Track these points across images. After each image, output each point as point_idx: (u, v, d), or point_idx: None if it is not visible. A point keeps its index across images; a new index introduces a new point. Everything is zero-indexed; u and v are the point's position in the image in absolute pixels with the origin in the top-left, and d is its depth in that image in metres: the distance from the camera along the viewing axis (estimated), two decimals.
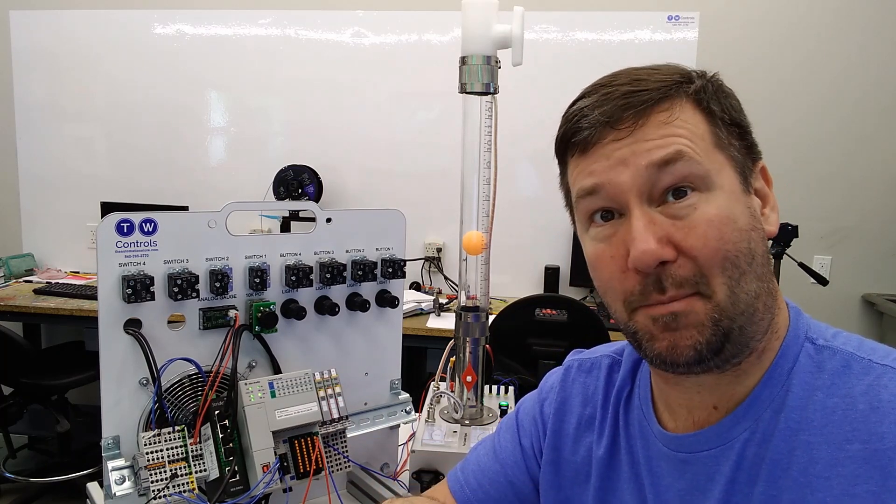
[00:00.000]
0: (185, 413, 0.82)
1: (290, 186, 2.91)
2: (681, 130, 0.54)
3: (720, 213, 0.52)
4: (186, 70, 3.10)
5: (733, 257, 0.52)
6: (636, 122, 0.54)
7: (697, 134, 0.54)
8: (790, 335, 0.56)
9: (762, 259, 0.54)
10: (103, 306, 0.77)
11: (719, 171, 0.54)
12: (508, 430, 0.78)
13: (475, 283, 1.10)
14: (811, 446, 0.51)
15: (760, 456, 0.54)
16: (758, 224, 0.55)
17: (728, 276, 0.52)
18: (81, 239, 3.21)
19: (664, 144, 0.53)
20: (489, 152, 1.06)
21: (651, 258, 0.52)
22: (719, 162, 0.54)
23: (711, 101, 0.55)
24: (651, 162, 0.53)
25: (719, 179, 0.53)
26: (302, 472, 0.81)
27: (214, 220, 0.83)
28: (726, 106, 0.56)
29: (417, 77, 2.96)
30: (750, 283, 0.53)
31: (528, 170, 2.99)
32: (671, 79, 0.56)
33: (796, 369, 0.54)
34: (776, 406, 0.54)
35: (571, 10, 2.88)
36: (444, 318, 2.57)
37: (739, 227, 0.53)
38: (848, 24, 2.75)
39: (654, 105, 0.54)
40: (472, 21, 1.03)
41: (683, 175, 0.53)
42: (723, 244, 0.52)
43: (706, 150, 0.54)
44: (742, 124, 0.57)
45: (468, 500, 0.76)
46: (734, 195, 0.54)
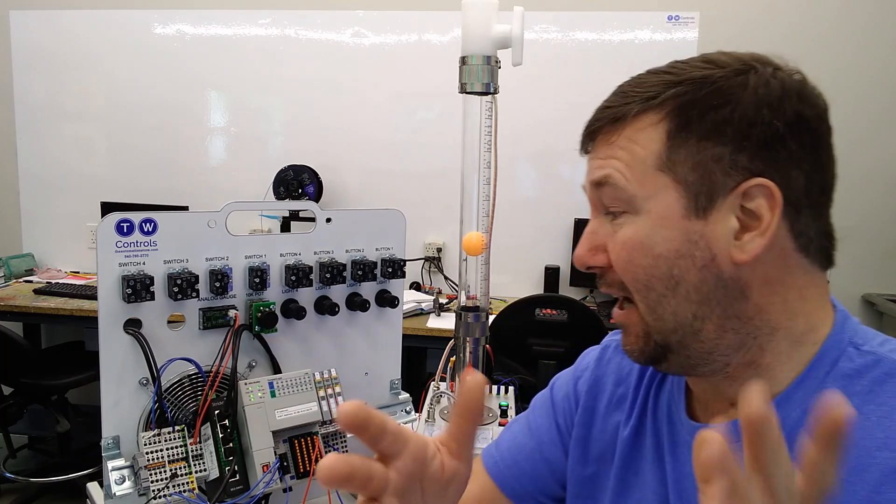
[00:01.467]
0: (185, 413, 0.82)
1: (290, 186, 2.91)
2: (620, 153, 0.55)
3: (633, 238, 0.54)
4: (186, 70, 3.10)
5: (645, 280, 0.54)
6: (594, 139, 0.58)
7: (639, 156, 0.54)
8: (831, 339, 0.55)
9: (698, 286, 0.53)
10: (103, 306, 0.76)
11: (650, 196, 0.53)
12: (543, 407, 0.78)
13: (475, 283, 1.10)
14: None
15: None
16: (697, 251, 0.52)
17: (643, 296, 0.55)
18: (81, 239, 3.21)
19: (602, 166, 0.56)
20: (489, 152, 1.06)
21: (579, 262, 0.58)
22: (656, 185, 0.53)
23: (685, 113, 0.52)
24: (591, 181, 0.58)
25: (647, 204, 0.54)
26: (302, 471, 0.81)
27: (214, 220, 0.83)
28: (707, 118, 0.52)
29: (417, 77, 2.96)
30: (676, 305, 0.54)
31: (528, 170, 2.99)
32: (646, 92, 0.54)
33: (834, 373, 0.53)
34: (806, 407, 0.53)
35: (571, 10, 2.88)
36: (444, 318, 2.57)
37: (656, 253, 0.53)
38: (847, 23, 2.75)
39: (607, 124, 0.56)
40: (472, 21, 1.03)
41: (612, 197, 0.55)
42: (630, 267, 0.55)
43: (642, 172, 0.54)
44: (731, 138, 0.51)
45: (503, 477, 0.77)
46: (662, 221, 0.53)
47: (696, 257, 0.53)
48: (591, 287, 2.95)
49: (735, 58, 0.54)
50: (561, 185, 2.99)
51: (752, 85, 0.52)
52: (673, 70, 0.55)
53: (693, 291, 0.53)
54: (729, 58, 0.55)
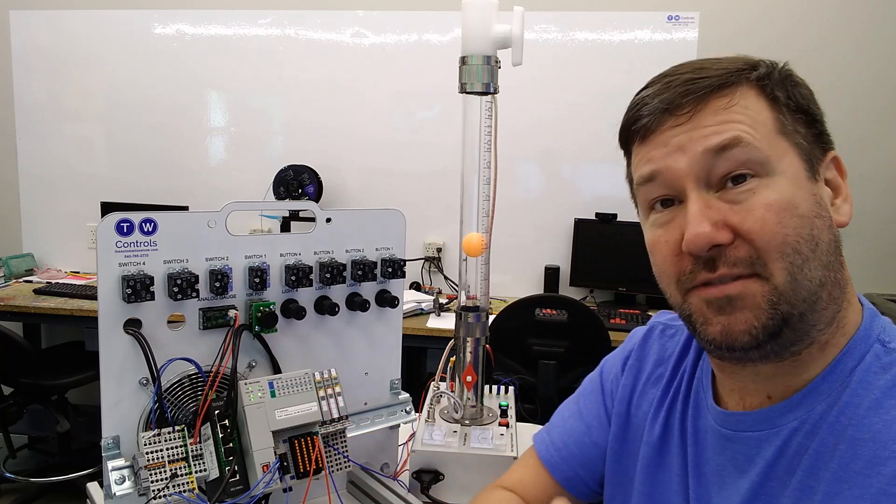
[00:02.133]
0: (185, 413, 0.82)
1: (290, 186, 2.91)
2: (740, 116, 0.53)
3: (780, 197, 0.52)
4: (186, 70, 3.10)
5: (794, 242, 0.51)
6: (694, 109, 0.54)
7: (758, 120, 0.54)
8: (860, 333, 0.55)
9: (828, 247, 0.53)
10: (103, 306, 0.76)
11: (781, 157, 0.53)
12: (593, 392, 0.80)
13: (475, 283, 1.10)
14: (857, 442, 0.51)
15: (805, 446, 0.54)
16: (824, 212, 0.54)
17: (789, 261, 0.51)
18: (81, 239, 3.21)
19: (721, 130, 0.53)
20: (489, 152, 1.06)
21: (704, 241, 0.52)
22: (782, 148, 0.54)
23: (776, 88, 0.55)
24: (707, 147, 0.53)
25: (780, 165, 0.53)
26: (302, 471, 0.81)
27: (214, 220, 0.83)
28: (793, 94, 0.56)
29: (417, 77, 2.96)
30: (814, 270, 0.52)
31: (529, 170, 2.99)
32: (734, 66, 0.56)
33: (860, 368, 0.54)
34: (831, 400, 0.54)
35: (571, 10, 2.88)
36: (444, 318, 2.57)
37: (801, 213, 0.52)
38: (847, 23, 2.75)
39: (713, 91, 0.54)
40: (472, 21, 1.03)
41: (741, 161, 0.53)
42: (782, 228, 0.51)
43: (767, 135, 0.53)
44: (810, 112, 0.56)
45: (554, 461, 0.79)
46: (797, 181, 0.53)
47: (824, 217, 0.54)
48: (591, 287, 2.95)
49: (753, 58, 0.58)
50: (561, 186, 2.99)
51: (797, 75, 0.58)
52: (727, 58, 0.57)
53: (825, 253, 0.53)
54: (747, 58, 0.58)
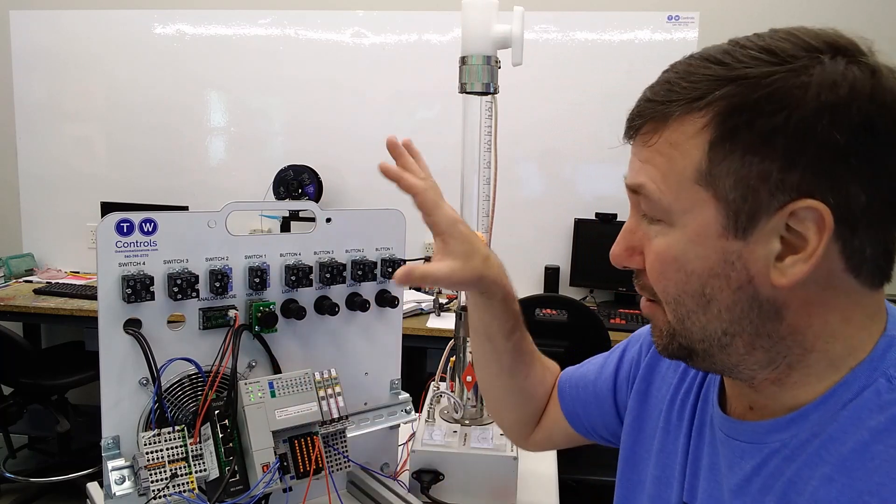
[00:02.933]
0: (185, 413, 0.82)
1: (290, 186, 2.91)
2: (659, 159, 0.51)
3: (666, 252, 0.52)
4: (186, 70, 3.10)
5: (674, 294, 0.52)
6: (636, 134, 0.53)
7: (678, 166, 0.49)
8: (865, 365, 0.50)
9: (730, 306, 0.50)
10: (103, 306, 0.76)
11: (687, 210, 0.50)
12: (616, 352, 0.82)
13: None
14: (830, 483, 0.47)
15: (781, 471, 0.51)
16: (732, 271, 0.49)
17: (671, 308, 0.53)
18: (81, 239, 3.21)
19: (639, 170, 0.53)
20: (489, 152, 1.06)
21: (615, 260, 0.57)
22: (692, 199, 0.49)
23: (733, 120, 0.47)
24: (628, 183, 0.55)
25: (683, 219, 0.50)
26: (302, 471, 0.81)
27: (214, 220, 0.83)
28: (756, 126, 0.46)
29: (417, 77, 2.96)
30: (706, 322, 0.51)
31: (529, 170, 2.99)
32: (699, 89, 0.49)
33: (856, 402, 0.49)
34: (817, 431, 0.50)
35: (571, 10, 2.88)
36: (444, 318, 2.57)
37: (689, 270, 0.50)
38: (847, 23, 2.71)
39: (647, 121, 0.52)
40: (472, 21, 1.03)
41: (646, 206, 0.53)
42: (661, 279, 0.53)
43: (679, 184, 0.50)
44: (775, 152, 0.46)
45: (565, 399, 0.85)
46: (698, 238, 0.50)
47: (731, 278, 0.49)
48: (591, 287, 2.95)
49: (802, 43, 0.48)
50: (561, 186, 2.99)
51: (814, 86, 0.45)
52: (727, 60, 0.48)
53: (725, 311, 0.50)
54: (793, 44, 0.48)
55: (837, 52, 0.48)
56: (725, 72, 0.48)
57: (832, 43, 0.48)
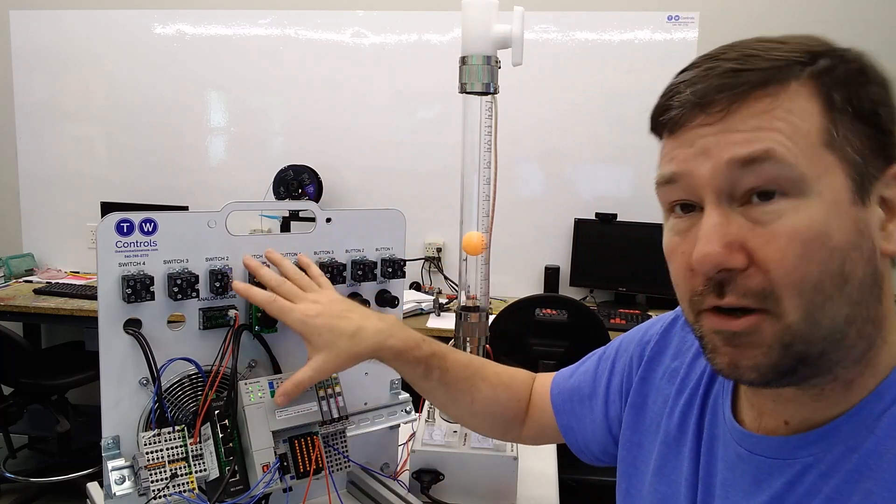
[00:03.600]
0: (185, 413, 0.82)
1: (290, 186, 2.91)
2: (779, 123, 0.46)
3: (810, 225, 0.45)
4: (186, 70, 3.10)
5: (815, 280, 0.46)
6: (728, 108, 0.47)
7: (802, 129, 0.46)
8: (894, 374, 0.48)
9: (862, 282, 0.47)
10: (103, 306, 0.76)
11: (821, 176, 0.46)
12: (606, 360, 0.80)
13: (475, 283, 1.10)
14: (872, 497, 0.46)
15: (818, 487, 0.49)
16: (865, 241, 0.47)
17: (807, 299, 0.46)
18: (81, 239, 3.21)
19: (753, 139, 0.46)
20: (489, 152, 1.06)
21: (710, 262, 0.47)
22: (824, 164, 0.46)
23: (837, 88, 0.47)
24: (734, 157, 0.47)
25: (818, 185, 0.46)
26: (302, 471, 0.81)
27: (214, 220, 0.83)
28: (859, 95, 0.47)
29: (417, 77, 2.96)
30: (837, 308, 0.46)
31: (529, 170, 2.99)
32: (790, 56, 0.47)
33: (891, 412, 0.47)
34: (853, 444, 0.48)
35: (571, 10, 2.88)
36: (444, 318, 2.57)
37: (832, 245, 0.45)
38: (847, 23, 2.75)
39: (753, 89, 0.47)
40: (472, 21, 1.03)
41: (771, 177, 0.46)
42: (804, 263, 0.45)
43: (809, 148, 0.46)
44: (875, 120, 0.47)
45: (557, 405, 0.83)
46: (836, 205, 0.46)
47: (863, 249, 0.47)
48: (591, 287, 2.95)
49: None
50: (561, 185, 2.99)
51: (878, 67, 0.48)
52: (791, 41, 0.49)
53: (856, 289, 0.47)
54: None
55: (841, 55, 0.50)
56: (803, 47, 0.48)
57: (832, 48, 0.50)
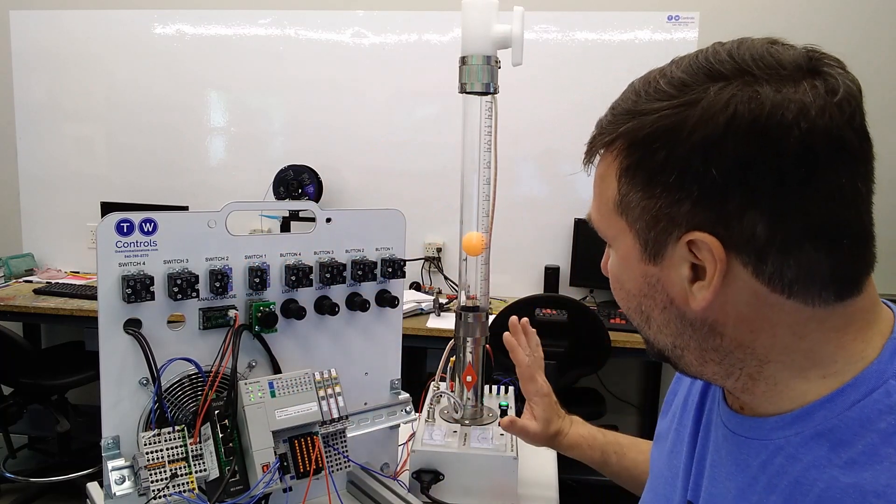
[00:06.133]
0: (185, 413, 0.82)
1: (290, 186, 2.91)
2: (596, 190, 0.56)
3: (613, 272, 0.58)
4: (186, 70, 3.10)
5: (626, 309, 0.58)
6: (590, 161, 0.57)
7: (606, 196, 0.54)
8: (873, 367, 0.50)
9: (665, 322, 0.54)
10: (103, 306, 0.76)
11: (616, 237, 0.55)
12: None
13: (475, 283, 1.10)
14: (836, 484, 0.47)
15: (786, 469, 0.51)
16: (656, 293, 0.53)
17: (631, 318, 0.59)
18: (81, 239, 3.21)
19: (591, 200, 0.58)
20: (489, 152, 1.06)
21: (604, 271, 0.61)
22: (617, 227, 0.54)
23: (632, 153, 0.50)
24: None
25: (616, 244, 0.56)
26: (302, 471, 0.81)
27: (214, 220, 0.83)
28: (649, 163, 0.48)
29: (417, 77, 2.96)
30: (655, 334, 0.56)
31: (529, 170, 3.00)
32: (617, 122, 0.51)
33: (864, 403, 0.49)
34: (822, 430, 0.50)
35: (571, 10, 2.88)
36: (444, 318, 2.57)
37: (626, 290, 0.56)
38: (847, 23, 2.75)
39: (591, 152, 0.56)
40: (472, 21, 1.03)
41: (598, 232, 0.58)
42: (617, 296, 0.59)
43: (608, 213, 0.55)
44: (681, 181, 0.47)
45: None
46: (626, 261, 0.55)
47: (655, 299, 0.54)
48: (591, 287, 2.95)
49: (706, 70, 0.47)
50: (561, 185, 2.99)
51: (692, 122, 0.46)
52: (642, 91, 0.50)
53: (663, 327, 0.55)
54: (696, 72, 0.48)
55: (739, 75, 0.46)
56: (634, 105, 0.50)
57: (739, 66, 0.46)
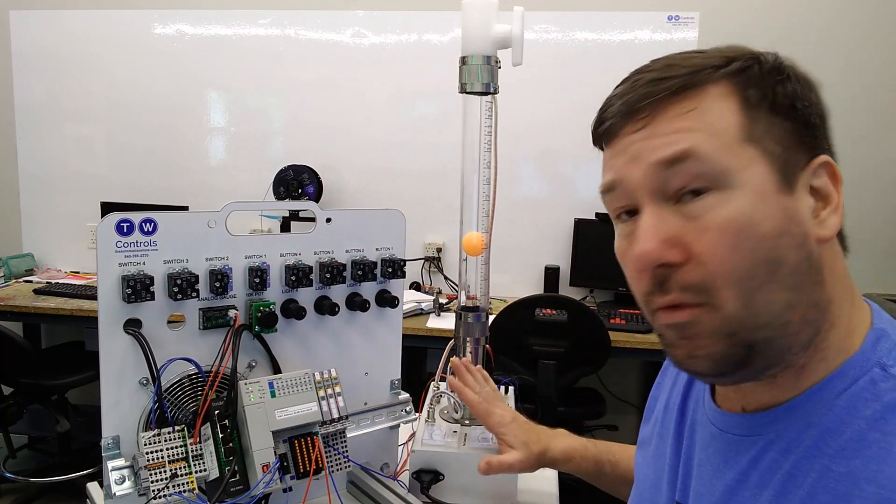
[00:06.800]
0: (185, 413, 0.82)
1: (290, 186, 2.91)
2: (698, 124, 0.49)
3: (738, 216, 0.48)
4: (186, 70, 3.10)
5: (747, 269, 0.48)
6: (651, 114, 0.51)
7: (720, 127, 0.49)
8: (858, 356, 0.50)
9: (795, 268, 0.49)
10: (103, 306, 0.76)
11: (743, 169, 0.49)
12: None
13: (475, 283, 1.10)
14: (829, 475, 0.47)
15: (778, 464, 0.51)
16: (795, 228, 0.49)
17: (742, 287, 0.48)
18: (81, 239, 3.21)
19: (674, 141, 0.49)
20: (489, 152, 1.06)
21: (648, 259, 0.50)
22: (746, 157, 0.49)
23: (751, 86, 0.50)
24: (659, 160, 0.50)
25: (743, 177, 0.48)
26: (302, 471, 0.81)
27: (214, 220, 0.83)
28: (776, 91, 0.50)
29: (417, 77, 2.96)
30: (774, 294, 0.48)
31: (529, 170, 3.00)
32: (707, 62, 0.51)
33: (851, 392, 0.49)
34: (811, 421, 0.50)
35: (571, 10, 2.88)
36: (444, 318, 2.57)
37: (761, 233, 0.48)
38: (846, 23, 2.75)
39: (672, 94, 0.50)
40: (472, 21, 1.03)
41: (694, 174, 0.49)
42: (735, 253, 0.48)
43: (728, 144, 0.49)
44: (795, 113, 0.51)
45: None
46: (762, 195, 0.48)
47: (794, 235, 0.49)
48: (591, 287, 2.95)
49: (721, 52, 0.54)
50: (561, 185, 2.99)
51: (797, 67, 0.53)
52: (710, 50, 0.53)
53: (790, 275, 0.49)
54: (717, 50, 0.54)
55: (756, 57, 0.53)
56: (720, 54, 0.53)
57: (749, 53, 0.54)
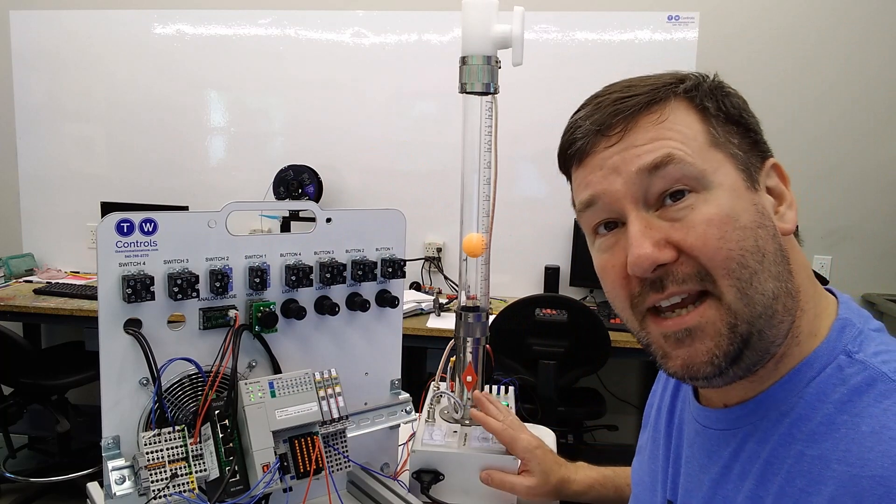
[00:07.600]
0: (185, 413, 0.82)
1: (290, 186, 2.91)
2: (670, 132, 0.53)
3: (720, 211, 0.51)
4: (186, 70, 3.10)
5: (738, 256, 0.50)
6: (625, 128, 0.54)
7: (689, 134, 0.53)
8: (825, 345, 0.53)
9: (775, 257, 0.52)
10: (103, 306, 0.76)
11: (716, 170, 0.52)
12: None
13: (475, 283, 1.10)
14: (803, 458, 0.49)
15: (757, 453, 0.53)
16: (766, 221, 0.53)
17: (736, 276, 0.51)
18: (81, 239, 3.21)
19: (653, 148, 0.53)
20: (489, 152, 1.06)
21: (646, 262, 0.52)
22: (716, 160, 0.53)
23: (705, 99, 0.55)
24: (641, 167, 0.53)
25: (716, 178, 0.52)
26: (302, 471, 0.81)
27: (214, 220, 0.83)
28: (724, 104, 0.55)
29: (417, 77, 2.96)
30: (765, 282, 0.51)
31: (529, 170, 3.00)
32: (662, 81, 0.56)
33: (819, 379, 0.52)
34: (785, 409, 0.52)
35: (571, 10, 2.88)
36: (444, 318, 2.57)
37: (742, 225, 0.51)
38: (846, 22, 2.75)
39: (642, 109, 0.54)
40: (472, 21, 1.03)
41: (676, 178, 0.52)
42: (725, 243, 0.50)
43: (699, 149, 0.53)
44: (743, 122, 0.56)
45: None
46: (735, 192, 0.52)
47: (768, 227, 0.53)
48: (591, 287, 2.95)
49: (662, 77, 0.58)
50: (561, 185, 2.94)
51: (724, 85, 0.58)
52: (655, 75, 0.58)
53: (773, 264, 0.52)
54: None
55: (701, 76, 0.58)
56: (670, 76, 0.57)
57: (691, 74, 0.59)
